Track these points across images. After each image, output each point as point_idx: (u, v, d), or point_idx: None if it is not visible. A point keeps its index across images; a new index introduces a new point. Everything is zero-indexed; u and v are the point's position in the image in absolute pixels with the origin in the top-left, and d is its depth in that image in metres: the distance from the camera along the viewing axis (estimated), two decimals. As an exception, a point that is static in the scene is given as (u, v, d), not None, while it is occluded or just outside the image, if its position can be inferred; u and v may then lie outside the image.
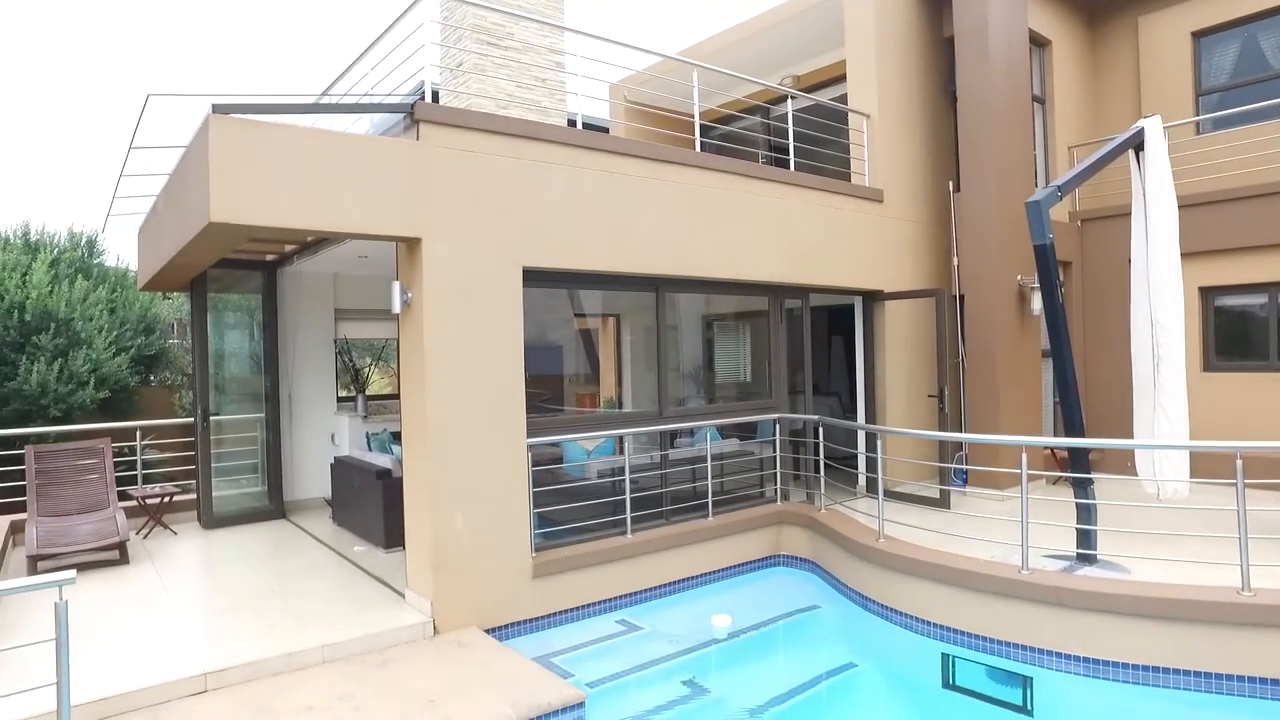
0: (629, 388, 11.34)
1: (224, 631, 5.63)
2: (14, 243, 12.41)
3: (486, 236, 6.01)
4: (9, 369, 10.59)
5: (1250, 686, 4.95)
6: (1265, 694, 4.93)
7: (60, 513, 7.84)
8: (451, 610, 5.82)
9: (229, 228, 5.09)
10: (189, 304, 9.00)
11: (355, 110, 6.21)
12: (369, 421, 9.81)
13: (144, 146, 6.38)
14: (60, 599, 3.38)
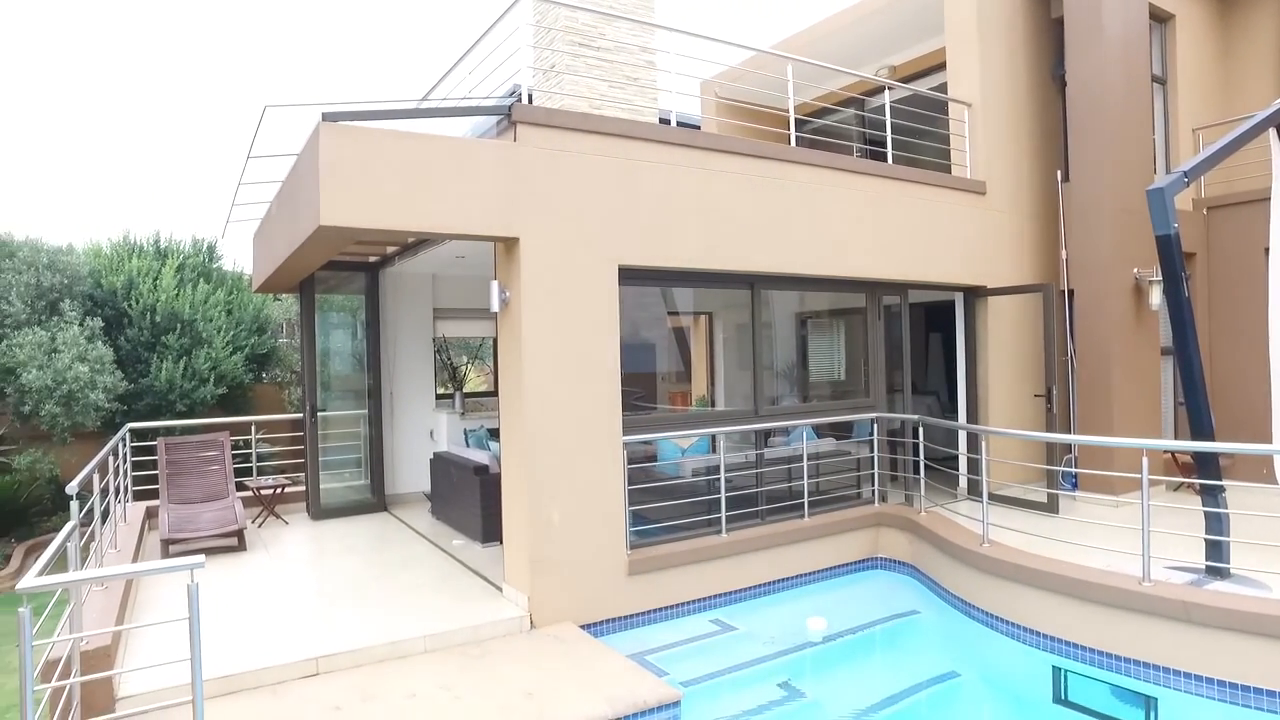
0: (721, 386, 11.27)
1: (332, 618, 5.87)
2: (147, 250, 13.29)
3: (582, 235, 6.06)
4: (142, 367, 11.35)
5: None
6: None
7: (187, 500, 8.36)
8: (548, 605, 5.90)
9: (337, 230, 5.30)
10: (298, 305, 9.41)
11: (454, 114, 6.36)
12: (466, 418, 10.06)
13: (260, 156, 6.71)
14: (192, 581, 3.58)
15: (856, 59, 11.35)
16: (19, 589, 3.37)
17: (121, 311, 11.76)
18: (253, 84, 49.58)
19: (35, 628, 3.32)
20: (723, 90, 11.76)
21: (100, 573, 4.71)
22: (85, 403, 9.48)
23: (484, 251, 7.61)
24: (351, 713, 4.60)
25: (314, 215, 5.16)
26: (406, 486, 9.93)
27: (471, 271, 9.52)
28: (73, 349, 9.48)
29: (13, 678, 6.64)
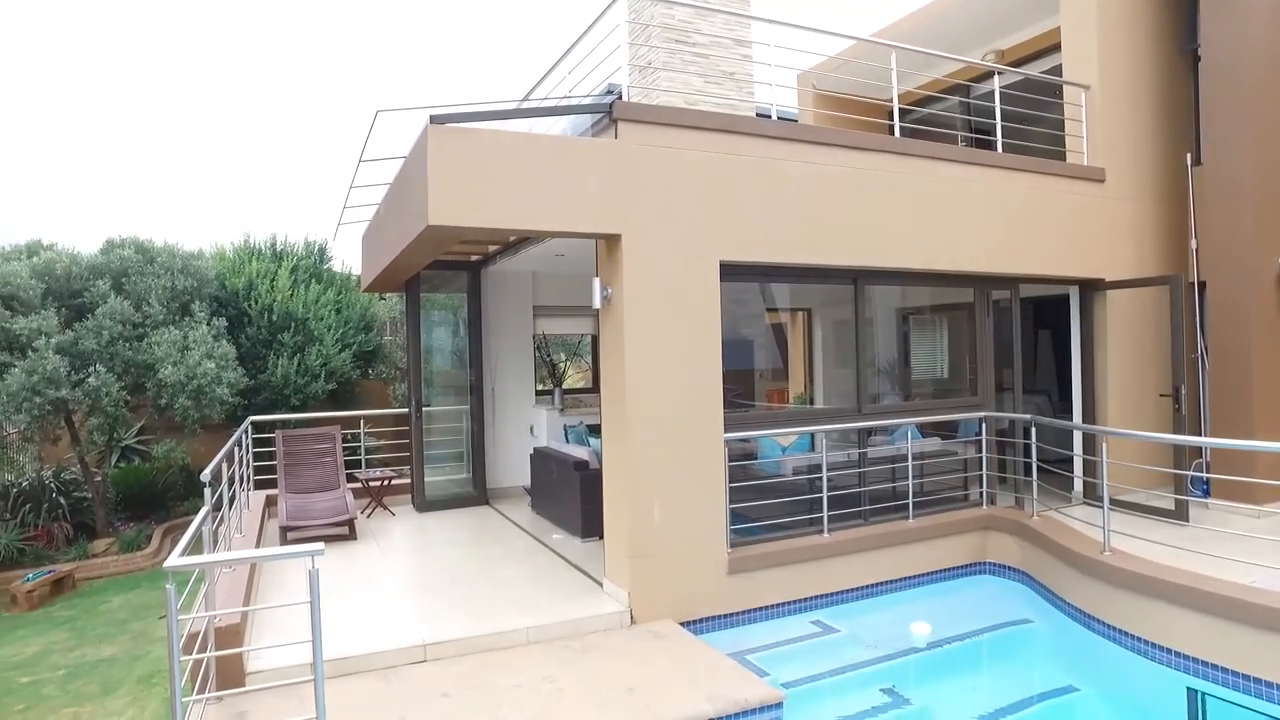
0: (820, 383, 11.07)
1: (439, 607, 6.05)
2: (264, 253, 14.05)
3: (684, 231, 6.05)
4: (261, 363, 12.01)
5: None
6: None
7: (302, 490, 8.79)
8: (648, 601, 5.91)
9: (445, 230, 5.45)
10: (403, 304, 9.74)
11: (556, 113, 6.45)
12: (565, 414, 10.21)
13: (371, 159, 6.97)
14: (313, 567, 3.75)
15: (962, 44, 10.92)
16: (166, 567, 3.61)
17: (242, 311, 12.47)
18: (365, 89, 51.81)
19: (180, 603, 3.54)
20: (820, 82, 11.54)
21: (236, 555, 5.01)
22: (212, 396, 10.09)
23: (583, 249, 7.69)
24: (459, 700, 4.73)
25: (422, 215, 5.32)
26: (507, 481, 10.14)
27: (571, 269, 9.64)
28: (201, 347, 10.10)
29: (157, 646, 7.16)
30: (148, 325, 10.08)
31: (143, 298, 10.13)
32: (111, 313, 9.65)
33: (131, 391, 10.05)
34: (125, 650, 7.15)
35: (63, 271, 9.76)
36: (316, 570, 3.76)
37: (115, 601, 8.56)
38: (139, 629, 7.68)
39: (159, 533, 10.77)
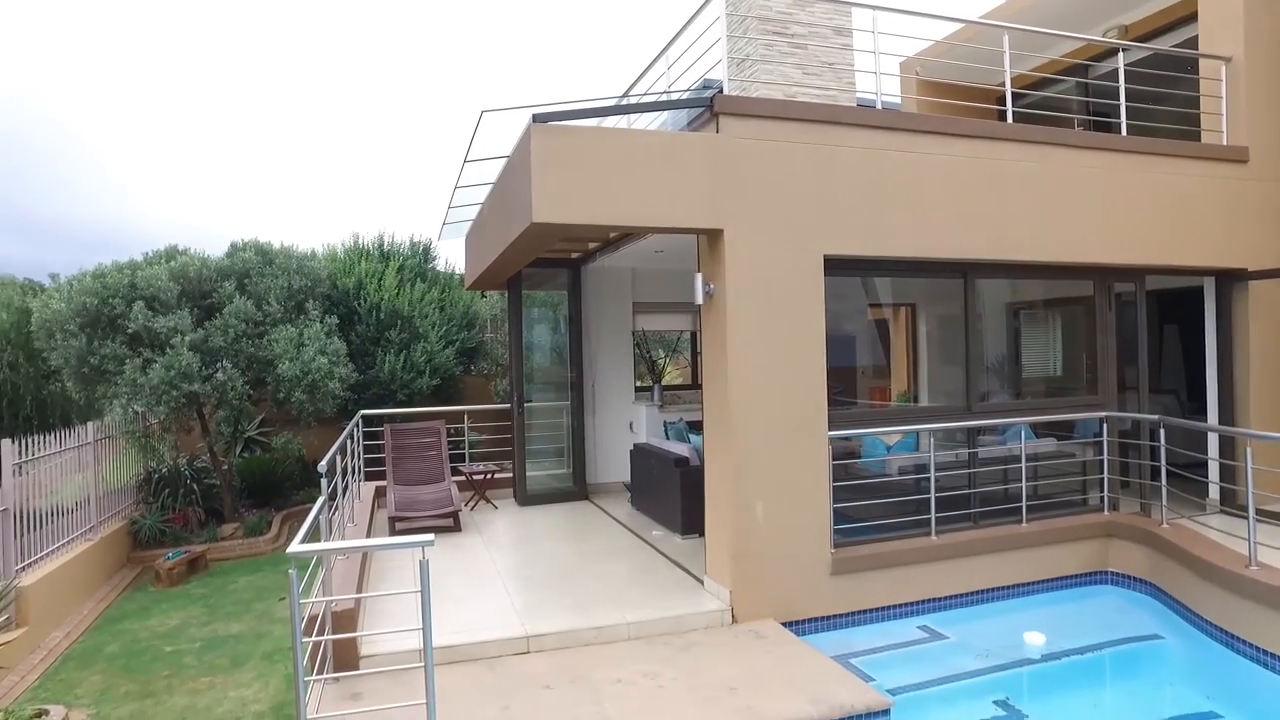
0: (924, 381, 10.69)
1: (541, 600, 6.15)
2: (372, 253, 14.61)
3: (787, 225, 5.94)
4: (369, 359, 12.51)
5: None
6: None
7: (409, 482, 9.11)
8: (749, 600, 5.85)
9: (548, 227, 5.52)
10: (504, 301, 9.94)
11: (656, 108, 6.45)
12: (665, 411, 10.21)
13: (476, 160, 7.14)
14: (424, 558, 3.86)
15: (1080, 22, 10.32)
16: (290, 553, 3.79)
17: (352, 309, 12.99)
18: (470, 91, 53.51)
19: (301, 586, 3.70)
20: (925, 69, 11.13)
21: (353, 544, 5.22)
22: (325, 391, 10.55)
23: (683, 245, 7.66)
24: (561, 692, 4.79)
25: (526, 213, 5.40)
26: (606, 476, 10.23)
27: (670, 265, 9.63)
28: (315, 344, 10.57)
29: (278, 626, 7.56)
30: (267, 323, 10.62)
31: (263, 297, 10.67)
32: (236, 312, 10.21)
33: (253, 386, 10.61)
34: (250, 628, 7.57)
35: (195, 274, 10.39)
36: (427, 561, 3.87)
37: (241, 582, 9.07)
38: (262, 609, 8.11)
39: (278, 519, 11.35)
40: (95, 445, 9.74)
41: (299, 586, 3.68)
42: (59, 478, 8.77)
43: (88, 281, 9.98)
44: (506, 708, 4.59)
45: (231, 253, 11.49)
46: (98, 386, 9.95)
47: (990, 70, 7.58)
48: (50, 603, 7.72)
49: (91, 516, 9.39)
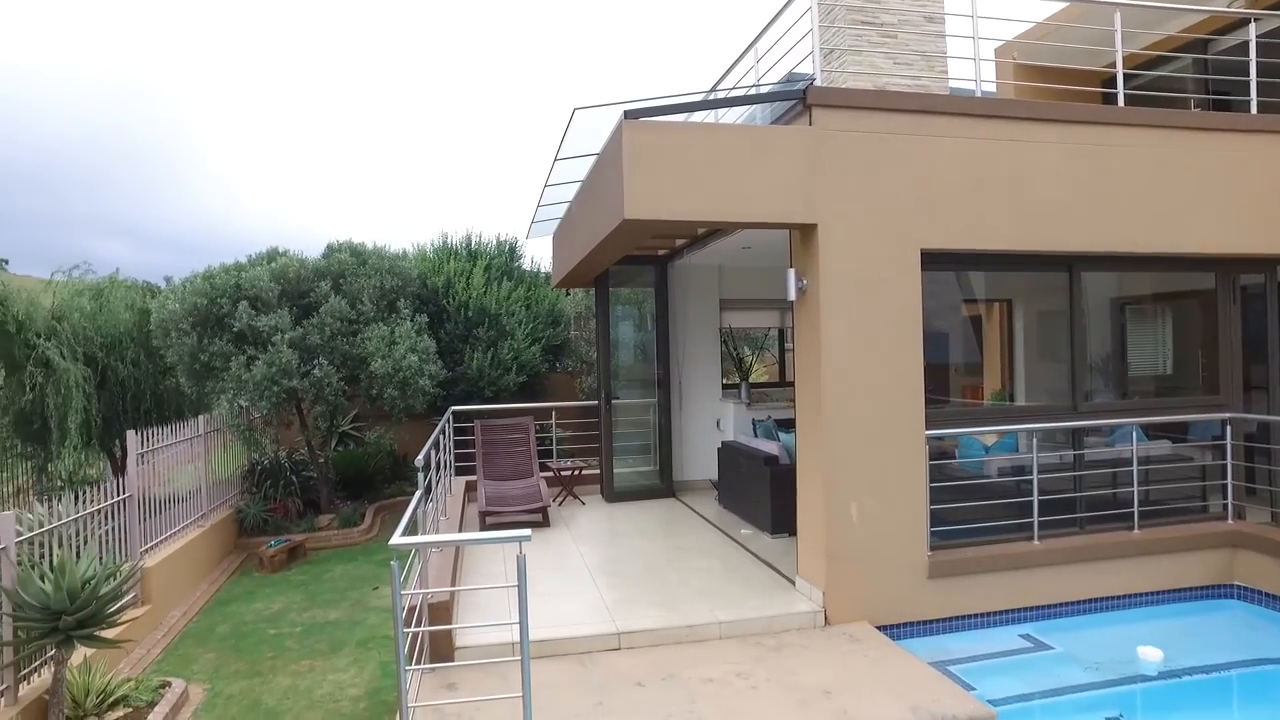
0: (1021, 379, 10.26)
1: (631, 596, 6.15)
2: (460, 253, 14.96)
3: (883, 219, 5.78)
4: (457, 356, 12.81)
5: None
6: None
7: (499, 477, 9.27)
8: (843, 602, 5.72)
9: (639, 224, 5.51)
10: (590, 299, 9.99)
11: (748, 102, 6.37)
12: (752, 409, 10.11)
13: (566, 157, 7.19)
14: (521, 553, 3.89)
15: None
16: (391, 545, 3.88)
17: (441, 308, 13.33)
18: (551, 92, 54.30)
19: (402, 577, 3.79)
20: (1023, 53, 10.66)
21: (452, 538, 5.35)
22: (415, 388, 10.85)
23: (771, 241, 7.55)
24: (653, 690, 4.77)
25: (618, 209, 5.40)
26: (693, 474, 10.19)
27: (757, 262, 9.52)
28: (406, 341, 10.88)
29: (371, 614, 7.81)
30: (361, 322, 10.98)
31: (356, 296, 11.04)
32: (332, 311, 10.59)
33: (348, 382, 11.00)
34: (346, 616, 7.84)
35: (294, 274, 10.83)
36: (524, 556, 3.90)
37: (337, 571, 9.41)
38: (356, 597, 8.39)
39: (370, 511, 11.74)
40: (205, 438, 10.27)
41: (400, 578, 3.76)
42: (173, 467, 9.28)
43: (198, 283, 10.53)
44: (600, 704, 4.60)
45: (327, 253, 11.92)
46: (207, 382, 10.49)
47: (1097, 51, 7.17)
48: (169, 583, 8.18)
49: (203, 504, 9.90)
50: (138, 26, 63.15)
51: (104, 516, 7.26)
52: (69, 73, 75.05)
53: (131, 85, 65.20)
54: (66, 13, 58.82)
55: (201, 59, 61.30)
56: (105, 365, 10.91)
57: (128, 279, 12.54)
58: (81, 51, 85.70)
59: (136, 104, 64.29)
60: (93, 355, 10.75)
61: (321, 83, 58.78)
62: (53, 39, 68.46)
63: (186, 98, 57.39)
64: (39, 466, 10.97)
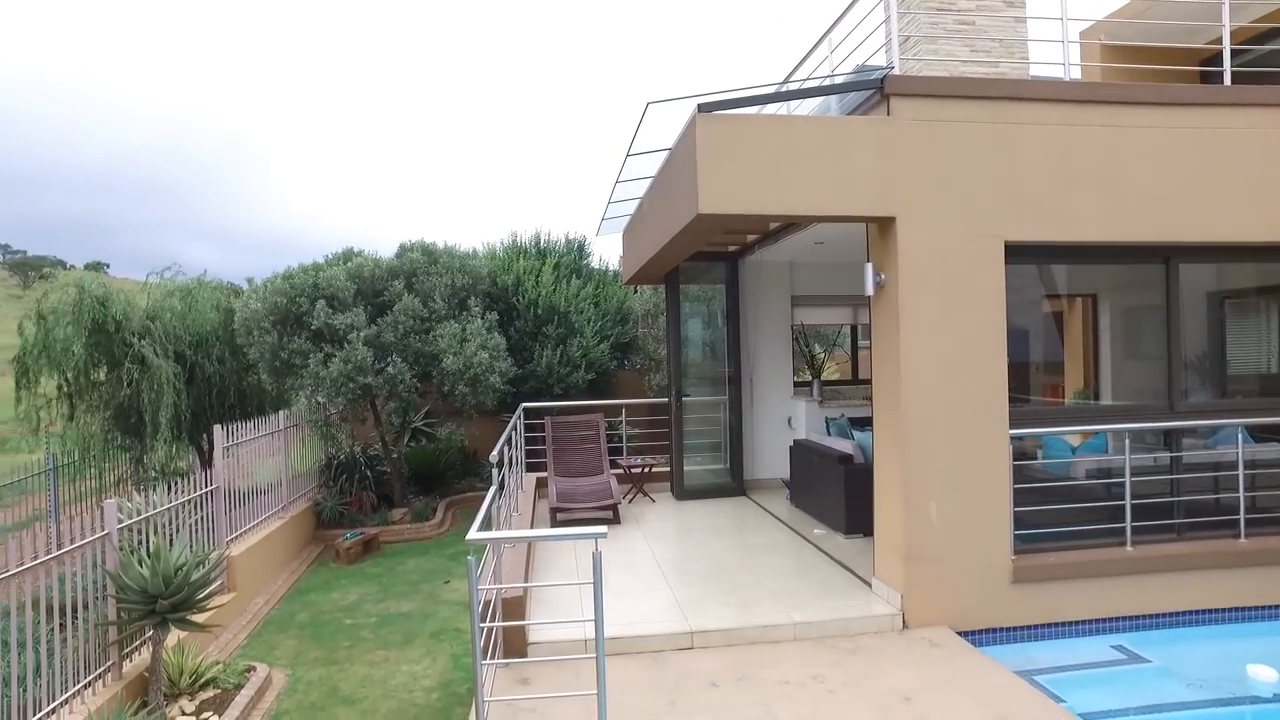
0: (1107, 378, 9.80)
1: (703, 595, 6.08)
2: (529, 251, 15.11)
3: (964, 211, 5.58)
4: (527, 354, 12.93)
5: None
6: None
7: (570, 474, 9.31)
8: (922, 605, 5.54)
9: (713, 218, 5.43)
10: (659, 297, 9.94)
11: (822, 93, 6.21)
12: (824, 406, 9.93)
13: (638, 153, 7.15)
14: (596, 550, 3.86)
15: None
16: (468, 540, 3.90)
17: (511, 305, 13.46)
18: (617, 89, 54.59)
19: (479, 571, 3.80)
20: (1113, 33, 10.18)
21: (527, 534, 5.38)
22: (486, 384, 10.99)
23: (845, 236, 7.38)
24: (727, 691, 4.69)
25: (691, 205, 5.33)
26: (764, 472, 10.06)
27: (830, 258, 9.34)
28: (477, 339, 11.02)
29: (443, 607, 7.93)
30: (433, 319, 11.18)
31: (429, 295, 11.24)
32: (405, 309, 10.81)
33: (420, 379, 11.21)
34: (419, 608, 7.98)
35: (368, 274, 11.09)
36: (600, 554, 3.87)
37: (410, 564, 9.59)
38: (429, 590, 8.53)
39: (442, 506, 11.94)
40: (285, 433, 10.59)
41: (476, 572, 3.77)
42: (256, 461, 9.60)
43: (278, 283, 10.88)
44: (673, 703, 4.55)
45: (400, 253, 12.17)
46: (287, 378, 10.82)
47: (1196, 27, 6.76)
48: (252, 572, 8.47)
49: (283, 497, 10.22)
50: (225, 52, 66.12)
51: (193, 506, 7.56)
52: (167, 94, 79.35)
53: (218, 104, 68.23)
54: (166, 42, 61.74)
55: (282, 73, 63.50)
56: (193, 362, 11.39)
57: (214, 280, 13.05)
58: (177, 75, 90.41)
59: (222, 119, 67.39)
60: (182, 353, 11.22)
61: (395, 90, 60.60)
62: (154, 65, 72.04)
63: (267, 110, 59.91)
64: (136, 458, 11.53)
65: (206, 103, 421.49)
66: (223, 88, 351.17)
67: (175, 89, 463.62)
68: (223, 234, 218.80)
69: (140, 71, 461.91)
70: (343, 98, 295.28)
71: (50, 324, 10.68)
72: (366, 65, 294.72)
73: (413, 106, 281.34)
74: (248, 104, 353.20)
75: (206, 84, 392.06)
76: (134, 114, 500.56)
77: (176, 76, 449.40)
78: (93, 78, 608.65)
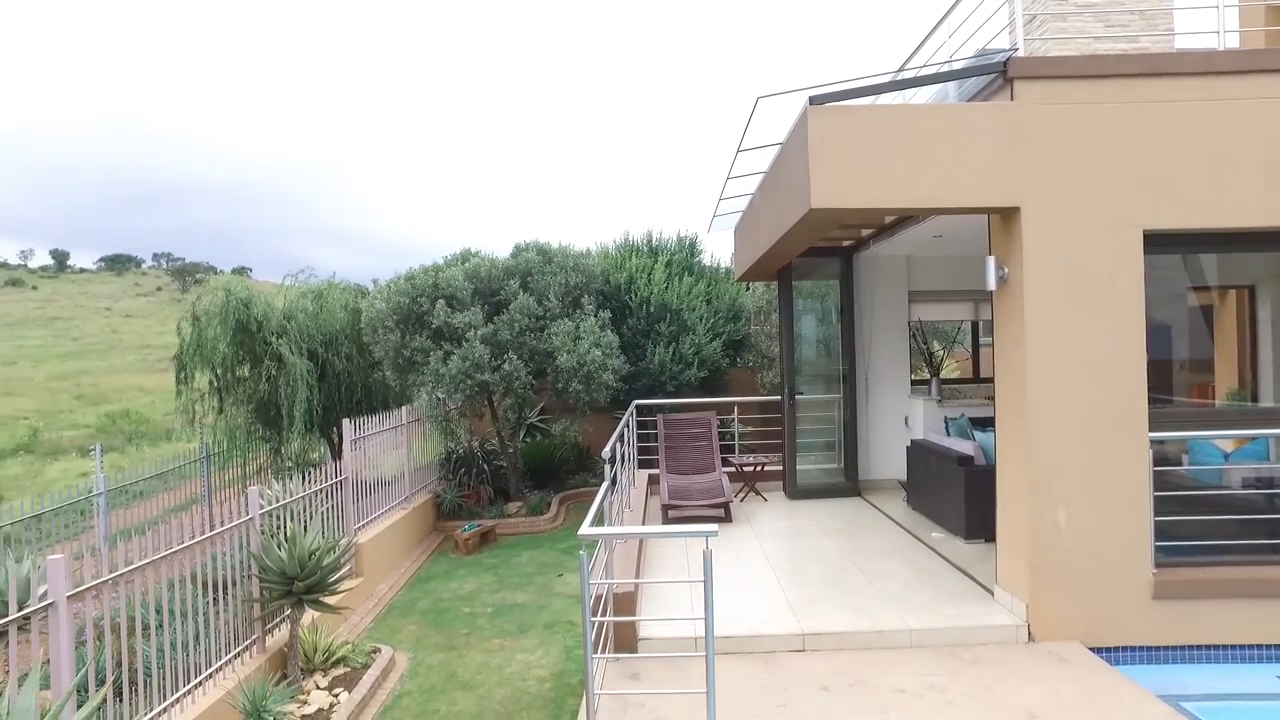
0: (1269, 377, 8.97)
1: (815, 597, 5.96)
2: (641, 249, 15.23)
3: (1096, 198, 5.23)
4: (639, 351, 13.03)
5: None
6: None
7: (682, 471, 9.32)
8: (1049, 617, 5.23)
9: (826, 213, 5.31)
10: (771, 294, 9.80)
11: (940, 80, 5.96)
12: (943, 406, 9.55)
13: (749, 149, 7.08)
14: (707, 548, 3.84)
15: None
16: (581, 535, 3.96)
17: (624, 304, 13.60)
18: (730, 89, 54.42)
19: (591, 565, 3.86)
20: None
21: (639, 530, 5.44)
22: (599, 382, 11.16)
23: (965, 228, 7.07)
24: (840, 697, 4.59)
25: (804, 199, 5.23)
26: (879, 473, 9.78)
27: (949, 251, 8.97)
28: (590, 337, 11.20)
29: (556, 600, 8.10)
30: (547, 318, 11.44)
31: (543, 294, 11.51)
32: (521, 308, 11.10)
33: (535, 376, 11.49)
34: (533, 599, 8.18)
35: (485, 274, 11.47)
36: (711, 552, 3.85)
37: (524, 557, 9.85)
38: (543, 583, 8.74)
39: (556, 500, 12.21)
40: (408, 427, 11.09)
41: (588, 567, 3.83)
42: (381, 454, 10.10)
43: (401, 284, 11.40)
44: (783, 705, 4.48)
45: (515, 253, 12.51)
46: (409, 375, 11.33)
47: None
48: (378, 559, 8.91)
49: (406, 488, 10.70)
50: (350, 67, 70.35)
51: (325, 496, 8.03)
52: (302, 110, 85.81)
53: (344, 113, 72.72)
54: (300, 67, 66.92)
55: (400, 82, 66.85)
56: (324, 359, 12.10)
57: (342, 282, 13.83)
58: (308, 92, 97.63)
59: (346, 128, 71.71)
60: (314, 350, 11.95)
61: (509, 94, 62.69)
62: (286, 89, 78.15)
63: (388, 116, 63.03)
64: (274, 449, 12.37)
65: (333, 113, 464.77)
66: (349, 98, 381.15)
67: (308, 104, 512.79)
68: (346, 237, 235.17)
69: (282, 91, 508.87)
70: (459, 103, 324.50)
71: (203, 324, 11.62)
72: (481, 70, 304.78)
73: (526, 110, 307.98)
74: (371, 112, 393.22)
75: (334, 96, 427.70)
76: (274, 130, 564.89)
77: (307, 93, 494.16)
78: (241, 100, 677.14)
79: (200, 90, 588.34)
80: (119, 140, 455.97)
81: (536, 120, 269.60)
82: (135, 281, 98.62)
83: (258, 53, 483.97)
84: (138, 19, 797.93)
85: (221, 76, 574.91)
